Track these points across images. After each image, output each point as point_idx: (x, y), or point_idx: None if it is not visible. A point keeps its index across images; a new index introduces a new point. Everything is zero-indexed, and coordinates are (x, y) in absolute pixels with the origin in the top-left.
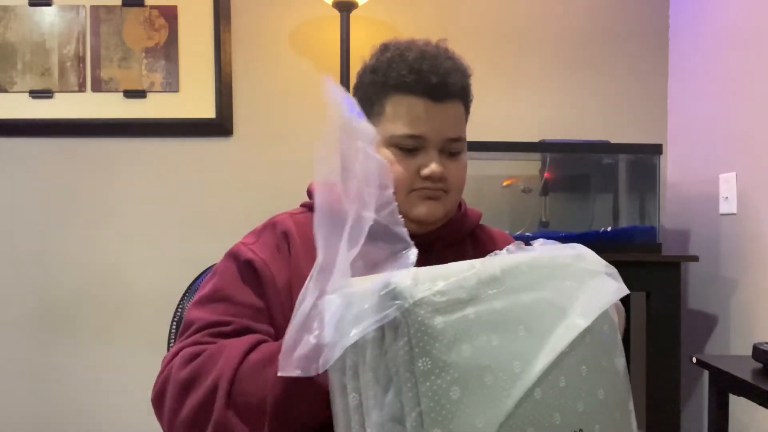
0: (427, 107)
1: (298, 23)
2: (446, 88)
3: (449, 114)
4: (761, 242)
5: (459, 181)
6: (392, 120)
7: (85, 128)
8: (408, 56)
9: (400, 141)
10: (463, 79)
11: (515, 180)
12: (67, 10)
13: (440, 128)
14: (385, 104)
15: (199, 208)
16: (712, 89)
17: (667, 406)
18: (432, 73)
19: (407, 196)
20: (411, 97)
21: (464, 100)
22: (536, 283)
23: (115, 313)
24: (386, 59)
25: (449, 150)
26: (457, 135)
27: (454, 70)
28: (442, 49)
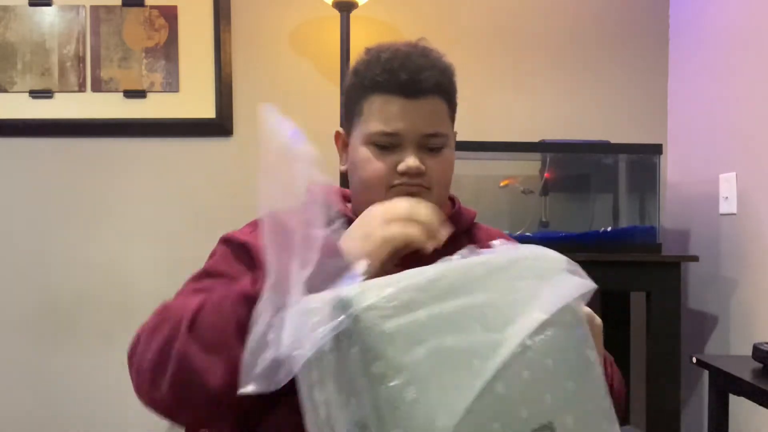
0: (401, 104)
1: (298, 23)
2: (418, 84)
3: (425, 110)
4: (761, 242)
5: (441, 177)
6: (369, 119)
7: (85, 128)
8: (382, 56)
9: (376, 138)
10: (439, 75)
11: (512, 180)
12: (67, 10)
13: (415, 124)
14: (363, 104)
15: (199, 208)
16: (712, 89)
17: (667, 406)
18: (402, 70)
19: (387, 193)
20: (385, 95)
21: (444, 96)
22: (492, 282)
23: (115, 313)
24: (364, 62)
25: (428, 145)
26: (434, 130)
27: (429, 66)
28: (419, 47)
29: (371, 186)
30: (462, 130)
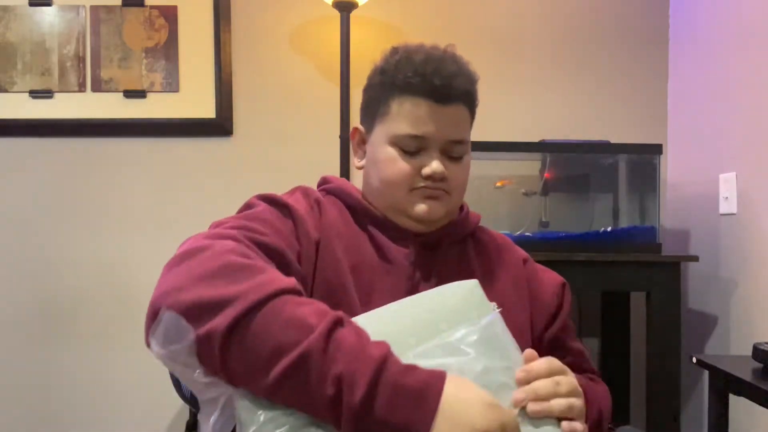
0: (431, 108)
1: (298, 23)
2: (450, 90)
3: (452, 116)
4: (761, 242)
5: (460, 183)
6: (396, 120)
7: (85, 128)
8: (414, 59)
9: (403, 141)
10: (467, 84)
11: (508, 181)
12: (67, 10)
13: (442, 130)
14: (391, 104)
15: (199, 208)
16: (712, 89)
17: (667, 406)
18: (436, 76)
19: (408, 194)
20: (415, 98)
21: (469, 104)
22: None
23: (115, 313)
24: (394, 61)
25: (451, 152)
26: (460, 137)
27: (459, 74)
28: (449, 53)
29: (394, 186)
30: None
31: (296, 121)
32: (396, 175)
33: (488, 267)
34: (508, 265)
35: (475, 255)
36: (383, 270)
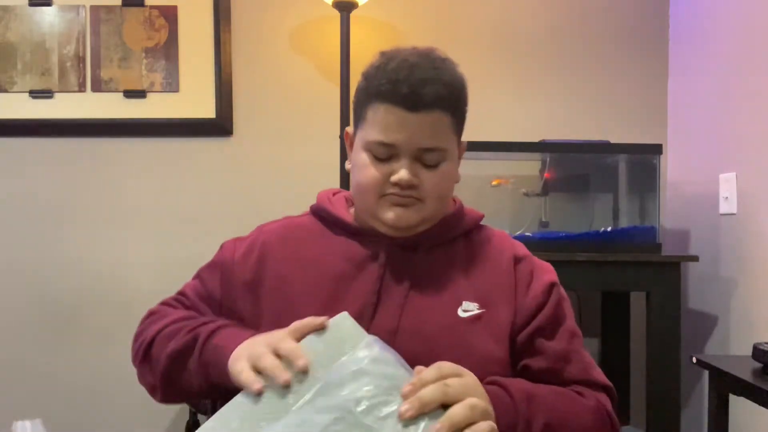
0: (401, 116)
1: (298, 23)
2: (419, 98)
3: (424, 124)
4: (761, 242)
5: (435, 190)
6: (370, 126)
7: (85, 128)
8: (389, 65)
9: (374, 147)
10: (443, 89)
11: (505, 181)
12: (67, 10)
13: (413, 137)
14: (368, 110)
15: (199, 208)
16: (712, 89)
17: (667, 406)
18: (405, 83)
19: (378, 200)
20: (387, 105)
21: (448, 109)
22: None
23: (115, 313)
24: (374, 67)
25: (424, 160)
26: (432, 145)
27: (433, 80)
28: (431, 58)
29: (365, 192)
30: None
31: (296, 121)
32: (366, 181)
33: (473, 268)
34: (496, 264)
35: (463, 256)
36: (350, 277)
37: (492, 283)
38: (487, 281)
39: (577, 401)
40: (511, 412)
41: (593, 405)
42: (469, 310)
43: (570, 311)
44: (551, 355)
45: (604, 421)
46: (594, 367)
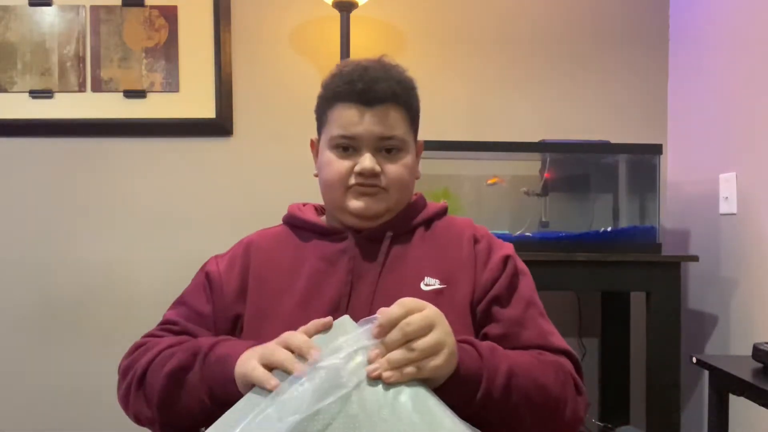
0: (358, 111)
1: (298, 23)
2: (373, 93)
3: (381, 116)
4: (761, 242)
5: (398, 178)
6: (332, 125)
7: (85, 128)
8: (344, 71)
9: (337, 142)
10: (395, 86)
11: (500, 180)
12: (67, 10)
13: (371, 128)
14: (329, 113)
15: (199, 208)
16: (712, 89)
17: (667, 406)
18: (360, 81)
19: (345, 192)
20: (345, 103)
21: (401, 104)
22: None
23: (115, 313)
24: (331, 75)
25: (385, 148)
26: (391, 134)
27: (384, 78)
28: (381, 62)
29: (332, 186)
30: (462, 130)
31: (296, 121)
32: (333, 175)
33: (435, 249)
34: (457, 245)
35: (426, 240)
36: (325, 273)
37: (453, 261)
38: (448, 260)
39: (537, 357)
40: (476, 360)
41: (552, 360)
42: (430, 285)
43: (528, 284)
44: (506, 321)
45: (567, 377)
46: (552, 334)
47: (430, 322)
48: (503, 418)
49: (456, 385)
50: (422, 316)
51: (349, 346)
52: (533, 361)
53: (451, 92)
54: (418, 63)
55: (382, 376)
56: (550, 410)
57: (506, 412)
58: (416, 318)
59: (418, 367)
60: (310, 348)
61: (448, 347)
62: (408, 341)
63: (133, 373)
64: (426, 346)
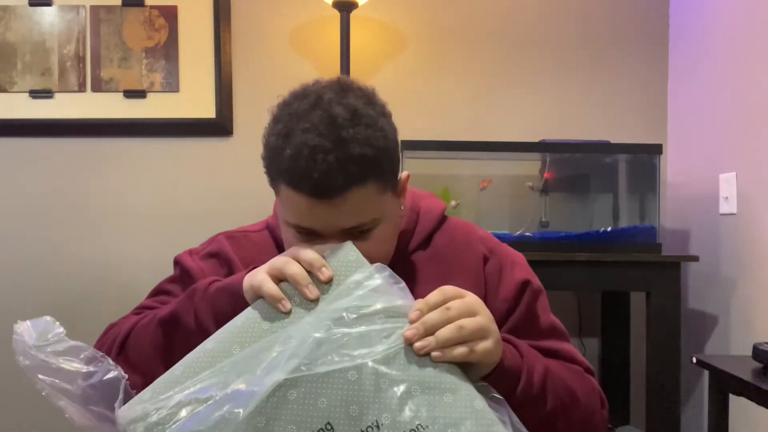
0: (311, 204)
1: (298, 23)
2: (327, 189)
3: (340, 208)
4: (761, 242)
5: (375, 256)
6: (285, 206)
7: (85, 128)
8: (286, 151)
9: (294, 228)
10: (356, 167)
11: (489, 181)
12: (67, 10)
13: (330, 223)
14: (279, 186)
15: (199, 208)
16: (712, 89)
17: (667, 406)
18: (307, 178)
19: None
20: (294, 191)
21: (369, 179)
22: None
23: (115, 313)
24: (271, 144)
25: (353, 235)
26: (357, 223)
27: (342, 160)
28: (336, 125)
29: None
30: (462, 130)
31: None
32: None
33: (438, 276)
34: (463, 268)
35: (426, 266)
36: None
37: (459, 286)
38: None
39: (565, 365)
40: (517, 355)
41: (580, 371)
42: None
43: (545, 303)
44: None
45: (593, 389)
46: (576, 354)
47: (472, 307)
48: (540, 419)
49: (499, 376)
50: (463, 301)
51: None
52: (563, 367)
53: (451, 92)
54: (418, 63)
55: (431, 354)
56: (581, 416)
57: (542, 412)
58: (457, 303)
59: (470, 348)
60: (321, 266)
61: (494, 334)
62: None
63: (111, 342)
64: (475, 327)
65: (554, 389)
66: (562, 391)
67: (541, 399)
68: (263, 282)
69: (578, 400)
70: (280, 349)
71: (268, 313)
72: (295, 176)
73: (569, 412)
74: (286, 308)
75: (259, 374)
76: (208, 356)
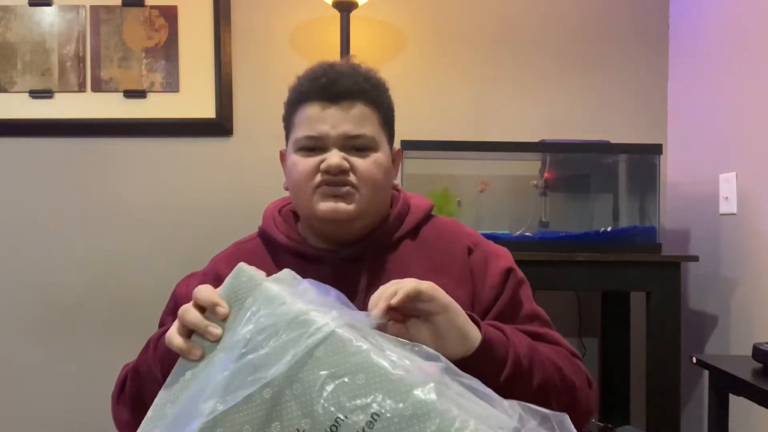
0: (323, 108)
1: (298, 23)
2: (338, 88)
3: (347, 113)
4: (761, 242)
5: (369, 177)
6: (298, 127)
7: (85, 128)
8: (309, 70)
9: (303, 143)
10: (362, 82)
11: (487, 184)
12: (67, 10)
13: (337, 126)
14: (294, 116)
15: (199, 208)
16: (712, 89)
17: (667, 406)
18: (323, 77)
19: (313, 194)
20: (309, 102)
21: (370, 101)
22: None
23: (115, 313)
24: (297, 78)
25: (354, 146)
26: (359, 132)
27: (350, 74)
28: (350, 61)
29: (299, 188)
30: (462, 130)
31: None
32: (299, 176)
33: (425, 265)
34: (449, 258)
35: (413, 255)
36: None
37: (445, 275)
38: (440, 275)
39: (552, 346)
40: (501, 337)
41: (566, 352)
42: None
43: (528, 293)
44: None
45: (579, 368)
46: (560, 338)
47: (425, 285)
48: (529, 395)
49: (487, 353)
50: (415, 281)
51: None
52: (548, 347)
53: (451, 92)
54: (418, 63)
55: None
56: (569, 393)
57: (531, 387)
58: (408, 280)
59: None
60: (215, 304)
61: (453, 305)
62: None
63: (117, 385)
64: (430, 289)
65: (541, 365)
66: (549, 366)
67: (529, 374)
68: (171, 339)
69: (566, 376)
70: (200, 396)
71: (187, 363)
72: (312, 84)
73: (557, 389)
74: (196, 356)
75: (186, 429)
76: (149, 423)
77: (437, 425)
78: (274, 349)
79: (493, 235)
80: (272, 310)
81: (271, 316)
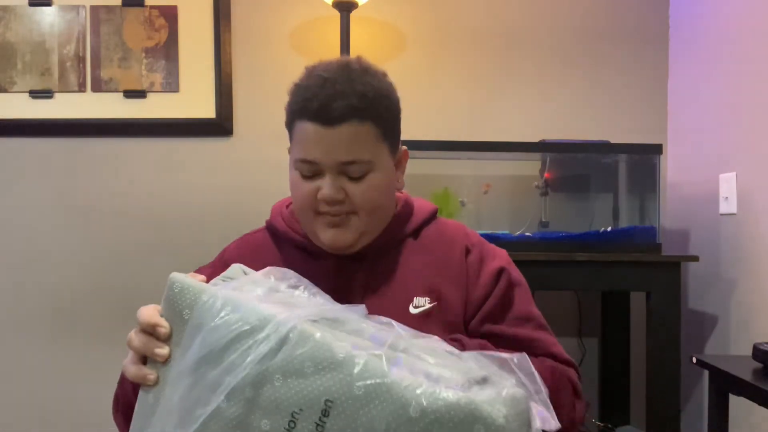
0: (316, 132)
1: (298, 23)
2: (330, 112)
3: (341, 138)
4: (761, 242)
5: (365, 202)
6: (296, 144)
7: (85, 128)
8: (304, 83)
9: (299, 165)
10: (358, 101)
11: (489, 186)
12: (67, 10)
13: (331, 152)
14: (293, 129)
15: (199, 208)
16: (712, 89)
17: (667, 406)
18: (315, 99)
19: (315, 218)
20: (303, 122)
21: (366, 120)
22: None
23: (115, 313)
24: (295, 85)
25: (348, 173)
26: (352, 158)
27: (346, 93)
28: (348, 69)
29: (300, 210)
30: (463, 130)
31: None
32: (299, 199)
33: (423, 263)
34: (447, 257)
35: (413, 254)
36: None
37: (443, 275)
38: (438, 274)
39: (539, 360)
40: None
41: (551, 365)
42: (420, 306)
43: (523, 295)
44: (509, 339)
45: (565, 383)
46: (554, 345)
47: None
48: None
49: None
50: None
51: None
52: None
53: (450, 92)
54: (418, 63)
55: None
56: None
57: None
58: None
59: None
60: (155, 325)
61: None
62: None
63: (115, 392)
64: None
65: None
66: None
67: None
68: (126, 369)
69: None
70: (162, 422)
71: (149, 388)
72: (305, 104)
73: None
74: (151, 381)
75: None
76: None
77: (392, 396)
78: (232, 362)
79: (493, 235)
80: (215, 323)
81: (215, 330)
